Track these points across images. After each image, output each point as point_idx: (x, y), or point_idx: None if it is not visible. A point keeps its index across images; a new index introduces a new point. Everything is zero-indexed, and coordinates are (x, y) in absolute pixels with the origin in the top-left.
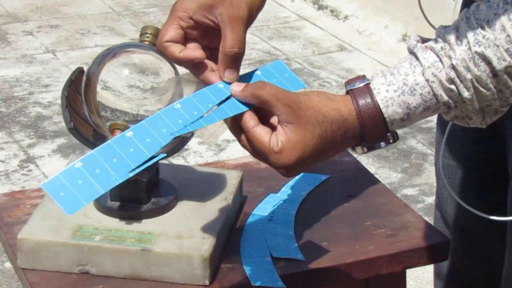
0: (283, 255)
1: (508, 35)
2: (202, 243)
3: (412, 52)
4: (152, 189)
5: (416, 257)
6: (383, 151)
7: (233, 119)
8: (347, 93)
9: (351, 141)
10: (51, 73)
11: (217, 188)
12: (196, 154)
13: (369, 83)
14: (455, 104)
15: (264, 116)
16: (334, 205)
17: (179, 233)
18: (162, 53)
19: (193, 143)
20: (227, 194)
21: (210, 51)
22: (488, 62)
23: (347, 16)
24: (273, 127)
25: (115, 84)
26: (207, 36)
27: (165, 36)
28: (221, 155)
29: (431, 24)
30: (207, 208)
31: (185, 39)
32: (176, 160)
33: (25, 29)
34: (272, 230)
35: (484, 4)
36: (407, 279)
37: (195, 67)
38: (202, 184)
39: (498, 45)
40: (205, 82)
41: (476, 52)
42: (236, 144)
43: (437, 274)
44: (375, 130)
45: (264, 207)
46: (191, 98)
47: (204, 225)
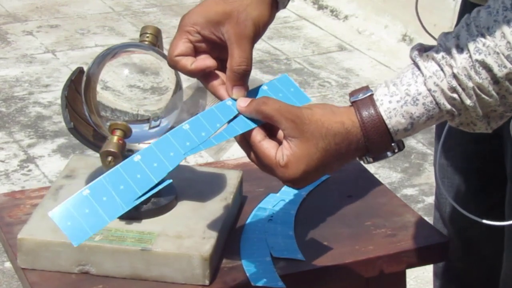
0: (283, 255)
1: (508, 42)
2: (202, 243)
3: (414, 62)
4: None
5: (416, 257)
6: None
7: (242, 135)
8: (351, 105)
9: (356, 153)
10: (51, 73)
11: (217, 188)
12: (196, 154)
13: (373, 94)
14: (459, 112)
15: (272, 131)
16: (334, 205)
17: (179, 233)
18: (174, 67)
19: None
20: (227, 194)
21: (221, 62)
22: (489, 70)
23: (347, 16)
24: (280, 141)
25: (115, 84)
26: (217, 48)
27: (176, 51)
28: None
29: (427, 31)
30: (207, 208)
31: (195, 52)
32: None
33: (25, 29)
34: (272, 230)
35: (484, 11)
36: (407, 279)
37: (205, 77)
38: (202, 184)
39: (499, 52)
40: (214, 94)
41: (477, 60)
42: (236, 144)
43: (436, 274)
44: (380, 141)
45: (264, 207)
46: (200, 118)
47: (204, 225)
